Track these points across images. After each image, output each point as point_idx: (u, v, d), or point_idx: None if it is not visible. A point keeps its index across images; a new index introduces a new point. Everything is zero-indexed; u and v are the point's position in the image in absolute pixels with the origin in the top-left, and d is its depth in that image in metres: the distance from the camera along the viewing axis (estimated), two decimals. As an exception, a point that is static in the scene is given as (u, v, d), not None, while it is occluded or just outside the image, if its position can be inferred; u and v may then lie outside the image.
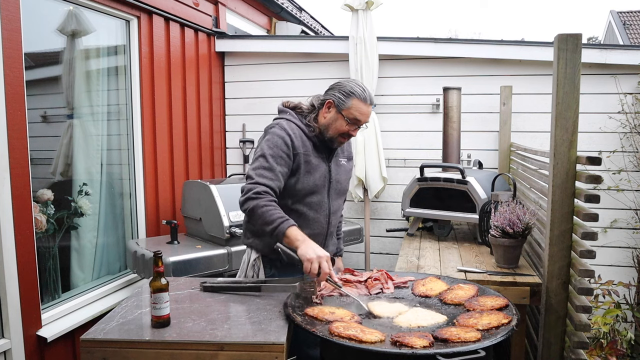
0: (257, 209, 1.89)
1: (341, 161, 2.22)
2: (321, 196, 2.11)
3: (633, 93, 3.67)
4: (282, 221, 1.86)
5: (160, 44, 3.61)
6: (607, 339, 3.00)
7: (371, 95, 2.07)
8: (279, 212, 1.89)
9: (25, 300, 2.51)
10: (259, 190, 1.91)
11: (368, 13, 3.95)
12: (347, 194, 2.30)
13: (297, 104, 2.16)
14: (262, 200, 1.90)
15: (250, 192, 1.92)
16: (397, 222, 4.17)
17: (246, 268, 2.14)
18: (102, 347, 1.49)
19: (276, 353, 1.46)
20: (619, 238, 3.75)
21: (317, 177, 2.08)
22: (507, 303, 1.71)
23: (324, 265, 1.76)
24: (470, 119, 3.94)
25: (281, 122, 2.07)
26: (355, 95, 2.01)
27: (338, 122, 2.04)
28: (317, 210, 2.11)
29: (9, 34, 2.39)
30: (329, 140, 2.09)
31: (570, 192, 2.04)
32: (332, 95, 2.05)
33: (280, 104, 2.20)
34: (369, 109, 2.05)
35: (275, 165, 1.97)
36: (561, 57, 1.99)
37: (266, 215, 1.87)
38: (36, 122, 2.84)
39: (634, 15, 15.18)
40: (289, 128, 2.05)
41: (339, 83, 2.08)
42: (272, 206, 1.90)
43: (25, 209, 2.52)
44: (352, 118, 2.03)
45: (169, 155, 3.75)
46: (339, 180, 2.19)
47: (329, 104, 2.05)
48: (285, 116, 2.11)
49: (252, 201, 1.91)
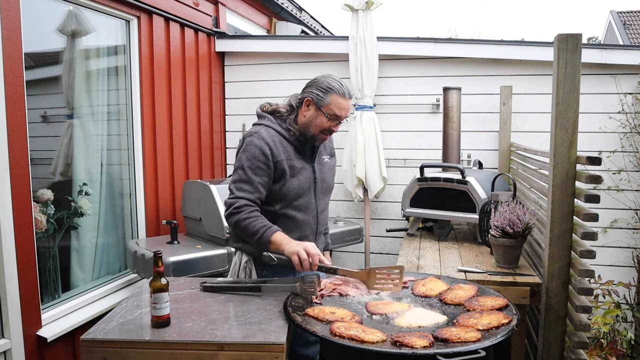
0: (239, 223, 1.95)
1: (324, 159, 2.21)
2: (308, 197, 2.11)
3: (633, 93, 3.67)
4: (266, 230, 1.91)
5: (160, 44, 3.61)
6: (607, 339, 3.00)
7: (349, 89, 2.05)
8: (261, 222, 1.94)
9: (25, 300, 2.51)
10: (239, 204, 1.96)
11: (368, 13, 3.95)
12: (332, 190, 2.30)
13: (275, 107, 2.14)
14: (243, 214, 1.94)
15: (231, 208, 1.97)
16: (397, 222, 4.17)
17: (238, 270, 2.14)
18: (102, 347, 1.49)
19: (276, 353, 1.46)
20: (619, 238, 3.75)
21: (303, 180, 2.08)
22: (507, 303, 1.71)
23: (311, 252, 1.82)
24: (470, 119, 3.94)
25: (260, 131, 2.05)
26: (333, 91, 2.00)
27: (318, 119, 2.03)
28: (305, 212, 2.11)
29: (9, 34, 2.39)
30: (311, 138, 2.08)
31: (570, 192, 2.04)
32: (309, 92, 2.04)
33: (258, 107, 2.18)
34: (348, 103, 2.04)
35: (253, 177, 1.98)
36: (561, 57, 1.99)
37: (249, 227, 1.93)
38: (36, 122, 2.84)
39: (634, 15, 15.18)
40: (267, 136, 2.03)
41: (316, 80, 2.06)
42: (253, 218, 1.94)
43: (25, 209, 2.52)
44: (332, 114, 2.01)
45: (169, 155, 3.75)
46: (324, 179, 2.18)
47: (308, 101, 2.04)
48: (264, 122, 2.10)
49: (234, 216, 1.96)
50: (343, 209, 4.34)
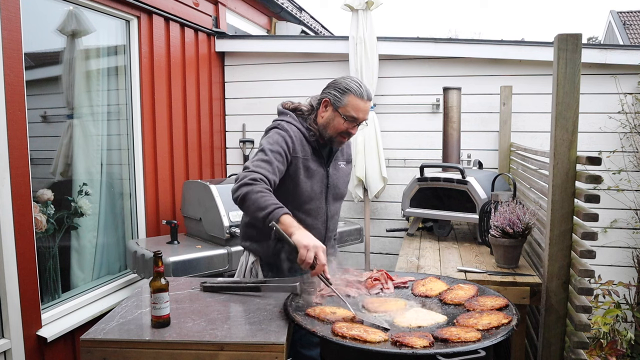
0: (250, 194, 1.76)
1: (340, 165, 2.17)
2: (319, 202, 2.07)
3: (633, 93, 3.68)
4: (276, 207, 1.74)
5: (160, 44, 3.61)
6: (607, 339, 3.00)
7: (368, 91, 2.00)
8: (274, 200, 1.77)
9: (25, 300, 2.51)
10: (254, 177, 1.81)
11: (368, 13, 3.95)
12: (344, 197, 2.25)
13: (296, 105, 2.10)
14: (258, 186, 1.78)
15: (245, 179, 1.80)
16: (397, 222, 4.17)
17: (244, 271, 2.12)
18: (102, 347, 1.48)
19: (276, 353, 1.46)
20: (619, 238, 3.75)
21: (315, 183, 2.04)
22: (507, 303, 1.71)
23: (321, 256, 1.67)
24: (470, 119, 3.95)
25: (282, 124, 2.01)
26: (351, 92, 1.96)
27: (336, 121, 1.99)
28: (315, 217, 2.07)
29: (9, 34, 2.39)
30: (329, 140, 2.04)
31: (570, 192, 2.04)
32: (327, 93, 2.00)
33: (280, 104, 2.14)
34: (366, 105, 1.98)
35: (273, 159, 1.89)
36: (561, 57, 1.99)
37: (260, 201, 1.75)
38: (36, 122, 2.84)
39: (634, 15, 15.18)
40: (290, 130, 1.99)
41: (335, 81, 2.02)
42: (266, 193, 1.78)
43: (25, 209, 2.52)
44: (349, 115, 1.97)
45: (169, 155, 3.75)
46: (336, 185, 2.14)
47: (325, 102, 2.00)
48: (286, 118, 2.05)
49: (246, 187, 1.78)
50: (343, 209, 4.30)
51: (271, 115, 2.20)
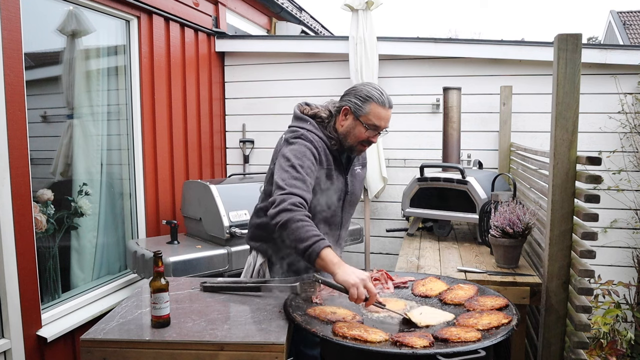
0: (291, 223, 1.69)
1: (356, 170, 2.12)
2: (336, 210, 2.03)
3: (633, 93, 3.67)
4: (317, 240, 1.67)
5: (160, 44, 3.61)
6: (607, 339, 3.00)
7: (389, 98, 1.94)
8: (314, 230, 1.70)
9: (25, 300, 2.51)
10: (294, 201, 1.73)
11: (368, 13, 3.95)
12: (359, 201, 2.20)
13: (315, 111, 2.01)
14: (298, 214, 1.71)
15: (284, 203, 1.72)
16: (397, 222, 4.17)
17: (252, 272, 2.10)
18: (102, 347, 1.49)
19: (276, 353, 1.46)
20: (619, 238, 3.75)
21: (334, 191, 1.99)
22: (507, 303, 1.71)
23: (370, 286, 1.61)
24: (470, 119, 3.95)
25: (305, 134, 1.92)
26: (372, 100, 1.89)
27: (357, 130, 1.92)
28: (329, 225, 2.03)
29: (9, 34, 2.39)
30: (349, 149, 1.98)
31: (570, 192, 2.04)
32: (348, 101, 1.93)
33: (297, 108, 2.04)
34: (388, 112, 1.92)
35: (305, 176, 1.82)
36: (561, 57, 1.98)
37: (301, 231, 1.68)
38: (36, 122, 2.84)
39: (634, 15, 15.18)
40: (314, 140, 1.92)
41: (355, 88, 1.95)
42: (307, 222, 1.71)
43: (25, 209, 2.52)
44: (371, 124, 1.91)
45: (169, 155, 3.75)
46: (353, 191, 2.09)
47: (346, 110, 1.93)
48: (306, 126, 1.96)
49: (287, 213, 1.70)
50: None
51: (271, 115, 2.19)
